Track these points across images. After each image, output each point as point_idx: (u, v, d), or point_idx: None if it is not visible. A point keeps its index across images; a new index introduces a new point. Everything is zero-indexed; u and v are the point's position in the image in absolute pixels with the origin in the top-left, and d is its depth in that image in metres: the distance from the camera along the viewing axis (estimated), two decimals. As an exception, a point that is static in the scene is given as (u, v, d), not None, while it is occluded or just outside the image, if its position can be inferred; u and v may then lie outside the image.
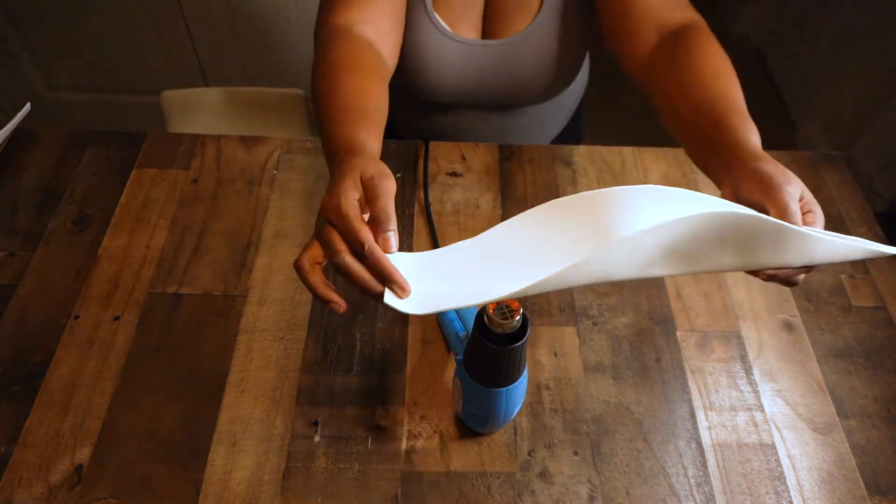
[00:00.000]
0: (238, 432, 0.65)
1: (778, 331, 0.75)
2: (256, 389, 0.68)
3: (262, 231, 0.82)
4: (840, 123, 1.98)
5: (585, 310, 0.76)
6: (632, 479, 0.64)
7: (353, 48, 0.68)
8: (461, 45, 0.85)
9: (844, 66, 1.97)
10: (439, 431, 0.66)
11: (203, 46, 1.71)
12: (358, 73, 0.65)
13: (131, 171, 0.88)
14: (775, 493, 0.63)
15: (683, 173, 0.91)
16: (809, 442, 0.67)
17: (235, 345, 0.72)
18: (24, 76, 1.82)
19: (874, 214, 0.87)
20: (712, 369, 0.72)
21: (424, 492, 0.62)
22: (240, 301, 0.75)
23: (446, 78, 0.88)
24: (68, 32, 1.70)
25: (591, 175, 0.90)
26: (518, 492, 0.63)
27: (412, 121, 1.01)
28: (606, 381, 0.70)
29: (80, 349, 0.71)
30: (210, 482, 0.62)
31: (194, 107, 1.34)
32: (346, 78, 0.64)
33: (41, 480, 0.62)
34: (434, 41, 0.84)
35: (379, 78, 0.68)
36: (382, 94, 0.66)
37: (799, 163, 0.93)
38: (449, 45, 0.85)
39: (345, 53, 0.67)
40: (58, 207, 0.84)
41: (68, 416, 0.66)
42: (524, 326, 0.53)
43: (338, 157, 0.54)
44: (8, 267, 0.78)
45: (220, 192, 0.86)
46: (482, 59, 0.86)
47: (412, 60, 0.86)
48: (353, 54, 0.68)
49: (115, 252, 0.79)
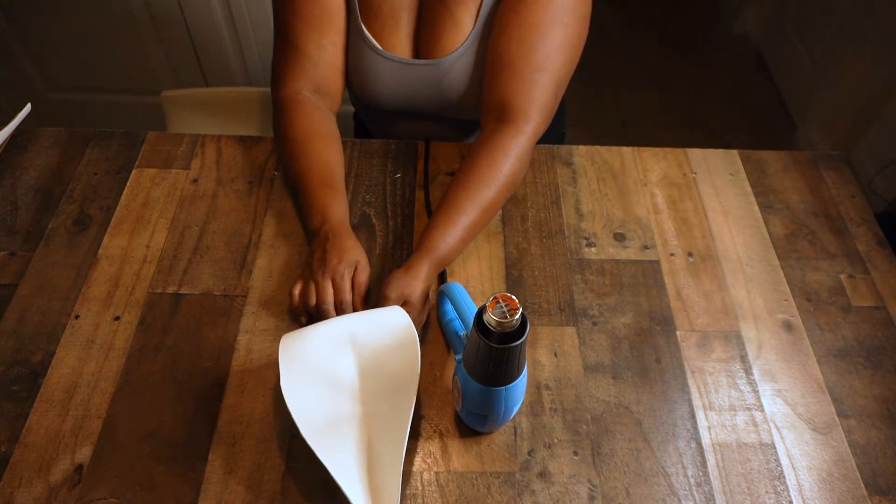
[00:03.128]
0: (238, 432, 0.65)
1: (778, 331, 0.76)
2: (256, 389, 0.68)
3: (262, 231, 0.82)
4: (840, 123, 1.98)
5: (585, 310, 0.76)
6: (632, 479, 0.64)
7: (306, 118, 0.81)
8: (390, 62, 0.85)
9: (844, 66, 1.97)
10: (439, 431, 0.66)
11: (203, 46, 1.71)
12: (316, 143, 0.79)
13: (131, 171, 0.88)
14: (775, 493, 0.63)
15: (683, 173, 0.91)
16: (809, 442, 0.67)
17: (235, 345, 0.72)
18: (24, 76, 1.82)
19: (874, 214, 0.87)
20: (712, 369, 0.72)
21: (424, 492, 0.62)
22: (240, 301, 0.75)
23: (378, 91, 0.88)
24: (68, 32, 1.70)
25: (591, 175, 0.90)
26: (518, 492, 0.63)
27: (377, 122, 1.02)
28: (606, 381, 0.70)
29: (80, 349, 0.71)
30: (210, 482, 0.62)
31: (194, 107, 1.34)
32: (307, 149, 0.79)
33: (41, 480, 0.62)
34: (364, 56, 0.85)
35: (332, 141, 0.81)
36: (337, 155, 0.81)
37: (799, 163, 0.93)
38: (378, 60, 0.85)
39: (300, 127, 0.80)
40: (58, 207, 0.84)
41: (68, 416, 0.66)
42: (523, 325, 0.53)
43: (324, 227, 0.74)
44: (8, 267, 0.78)
45: (220, 192, 0.86)
46: (410, 76, 0.86)
47: (352, 72, 0.88)
48: (307, 125, 0.80)
49: (115, 252, 0.79)
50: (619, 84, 2.39)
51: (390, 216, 0.84)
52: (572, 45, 0.78)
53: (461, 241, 0.73)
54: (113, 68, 1.79)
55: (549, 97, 0.78)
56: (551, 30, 0.75)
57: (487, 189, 0.74)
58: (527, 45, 0.75)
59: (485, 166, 0.75)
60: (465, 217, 0.73)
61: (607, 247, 0.82)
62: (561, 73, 0.78)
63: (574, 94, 2.45)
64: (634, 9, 2.67)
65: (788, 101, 2.29)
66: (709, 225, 0.85)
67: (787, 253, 0.83)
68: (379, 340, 0.64)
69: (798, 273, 0.81)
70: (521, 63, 0.76)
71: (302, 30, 0.80)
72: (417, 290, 0.69)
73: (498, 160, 0.75)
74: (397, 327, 0.64)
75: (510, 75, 0.76)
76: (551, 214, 0.85)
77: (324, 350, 0.64)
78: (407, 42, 0.85)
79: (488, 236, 0.82)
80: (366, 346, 0.64)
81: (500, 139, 0.76)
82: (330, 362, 0.64)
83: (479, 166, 0.75)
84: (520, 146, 0.76)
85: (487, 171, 0.75)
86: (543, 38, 0.75)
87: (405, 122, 0.96)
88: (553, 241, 0.82)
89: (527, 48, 0.75)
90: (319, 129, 0.81)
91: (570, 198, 0.87)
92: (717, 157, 0.93)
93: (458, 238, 0.73)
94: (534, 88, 0.76)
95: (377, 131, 1.05)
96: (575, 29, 0.77)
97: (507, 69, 0.77)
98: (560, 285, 0.78)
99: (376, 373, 0.64)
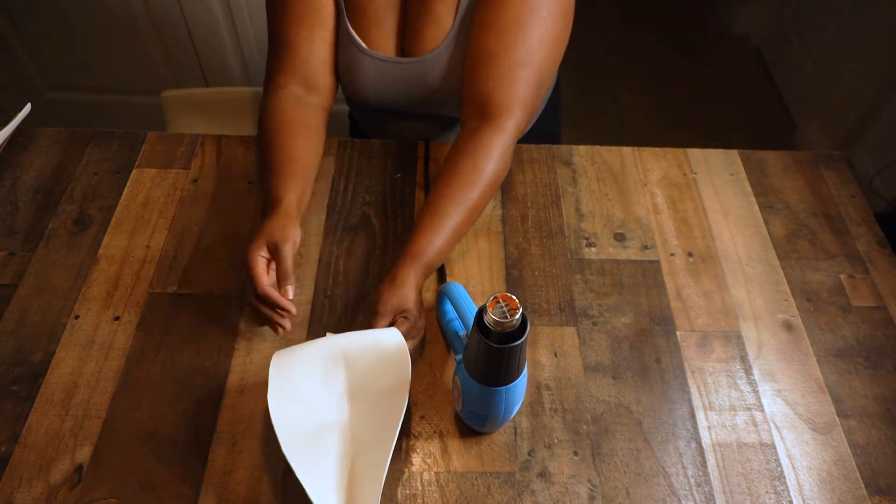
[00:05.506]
0: (238, 432, 0.65)
1: (778, 331, 0.76)
2: (256, 389, 0.68)
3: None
4: (840, 123, 1.98)
5: (585, 310, 0.76)
6: (632, 479, 0.64)
7: (280, 110, 0.80)
8: (375, 61, 0.85)
9: (844, 66, 1.97)
10: (439, 431, 0.66)
11: (203, 46, 1.71)
12: (287, 133, 0.78)
13: (131, 172, 0.88)
14: (775, 493, 0.63)
15: (683, 173, 0.91)
16: (809, 442, 0.67)
17: (235, 345, 0.72)
18: (24, 76, 1.82)
19: (874, 214, 0.87)
20: (712, 369, 0.72)
21: (424, 492, 0.62)
22: (240, 301, 0.75)
23: (366, 89, 0.88)
24: (69, 32, 1.70)
25: (591, 175, 0.90)
26: (518, 492, 0.63)
27: (369, 121, 1.02)
28: (606, 381, 0.70)
29: (80, 349, 0.71)
30: (210, 482, 0.62)
31: (194, 107, 1.34)
32: (278, 140, 0.77)
33: (41, 480, 0.62)
34: (351, 55, 0.85)
35: (304, 131, 0.80)
36: (306, 145, 0.79)
37: (799, 163, 0.93)
38: (363, 59, 0.85)
39: (279, 118, 0.79)
40: (58, 207, 0.84)
41: (68, 416, 0.66)
42: (523, 325, 0.53)
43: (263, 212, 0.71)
44: (8, 267, 0.78)
45: (220, 192, 0.86)
46: (395, 74, 0.86)
47: (342, 71, 0.88)
48: (287, 116, 0.79)
49: (115, 252, 0.79)
50: (619, 84, 2.39)
51: (390, 216, 0.84)
52: (553, 40, 0.77)
53: (447, 244, 0.72)
54: (113, 68, 1.79)
55: (531, 92, 0.77)
56: (530, 25, 0.74)
57: (471, 190, 0.73)
58: (506, 40, 0.75)
59: (468, 167, 0.74)
60: (449, 220, 0.72)
61: (607, 247, 0.82)
62: (542, 68, 0.77)
63: (574, 94, 2.46)
64: (634, 9, 2.67)
65: (788, 101, 2.29)
66: (709, 225, 0.85)
67: (787, 253, 0.83)
68: (371, 360, 0.63)
69: (798, 273, 0.81)
70: (500, 58, 0.75)
71: (292, 27, 0.81)
72: (410, 298, 0.67)
73: (480, 160, 0.74)
74: (390, 348, 0.63)
75: (490, 71, 0.76)
76: (551, 214, 0.85)
77: (315, 367, 0.63)
78: (392, 41, 0.85)
79: (488, 236, 0.82)
80: (357, 364, 0.64)
81: (481, 138, 0.75)
82: (320, 379, 0.63)
83: (461, 167, 0.74)
84: (502, 144, 0.75)
85: (471, 172, 0.73)
86: (522, 33, 0.74)
87: (395, 120, 0.96)
88: (553, 241, 0.82)
89: (506, 44, 0.75)
90: (292, 120, 0.79)
91: (570, 198, 0.87)
92: (717, 157, 0.93)
93: (444, 241, 0.71)
94: (514, 84, 0.76)
95: (371, 130, 1.05)
96: (555, 24, 0.76)
97: (487, 65, 0.76)
98: (560, 285, 0.78)
99: (365, 393, 0.63)
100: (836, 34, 2.01)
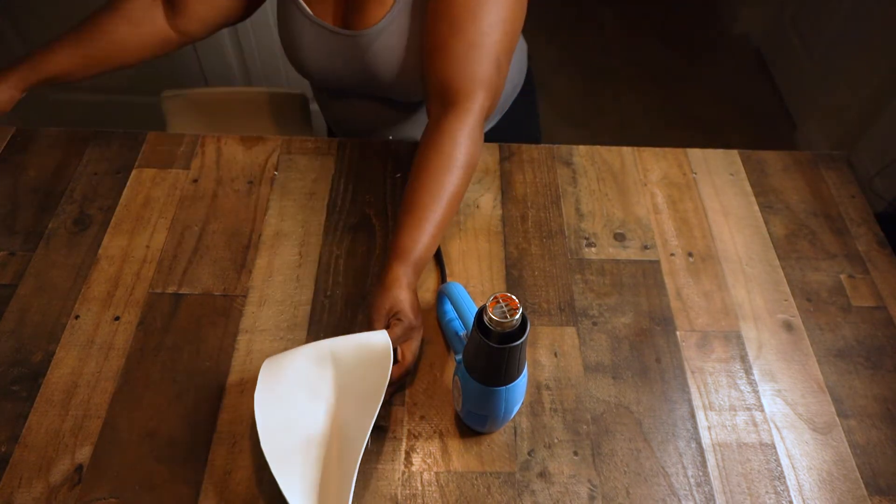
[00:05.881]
0: (238, 432, 0.65)
1: (778, 331, 0.76)
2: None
3: (262, 231, 0.82)
4: (840, 123, 1.98)
5: (585, 310, 0.76)
6: (632, 479, 0.64)
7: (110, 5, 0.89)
8: (317, 28, 0.85)
9: (844, 66, 1.97)
10: (439, 431, 0.66)
11: (203, 46, 1.71)
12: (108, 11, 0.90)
13: (131, 171, 0.88)
14: (775, 493, 0.63)
15: (683, 173, 0.91)
16: (809, 442, 0.67)
17: (235, 345, 0.72)
18: (25, 76, 1.82)
19: (874, 214, 0.87)
20: (712, 369, 0.72)
21: (424, 492, 0.62)
22: (240, 301, 0.75)
23: (304, 57, 0.88)
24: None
25: (591, 175, 0.90)
26: (518, 492, 0.63)
27: (328, 107, 1.02)
28: (606, 381, 0.70)
29: (80, 349, 0.71)
30: (210, 482, 0.62)
31: (194, 107, 1.34)
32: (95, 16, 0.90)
33: (41, 480, 0.62)
34: (292, 17, 0.86)
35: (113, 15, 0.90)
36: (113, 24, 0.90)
37: (799, 163, 0.93)
38: (304, 24, 0.85)
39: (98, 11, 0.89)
40: (58, 207, 0.84)
41: (68, 416, 0.66)
42: (523, 325, 0.53)
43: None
44: (8, 267, 0.78)
45: (220, 192, 0.86)
46: (337, 46, 0.85)
47: (281, 35, 0.89)
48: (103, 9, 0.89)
49: (115, 252, 0.79)
50: (618, 84, 2.39)
51: (390, 216, 0.84)
52: (507, 20, 0.76)
53: (432, 238, 0.71)
54: (113, 68, 1.79)
55: (490, 72, 0.76)
56: (481, 8, 0.74)
57: (446, 179, 0.72)
58: (458, 24, 0.74)
59: (439, 156, 0.73)
60: (429, 212, 0.71)
61: (607, 247, 0.82)
62: (498, 48, 0.76)
63: (574, 94, 2.46)
64: (634, 9, 2.67)
65: (788, 101, 2.29)
66: (709, 225, 0.85)
67: (787, 253, 0.83)
68: (356, 361, 0.63)
69: (798, 273, 0.81)
70: (453, 42, 0.74)
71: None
72: (401, 299, 0.67)
73: (450, 147, 0.73)
74: (375, 350, 0.63)
75: (445, 56, 0.75)
76: (551, 214, 0.85)
77: (303, 375, 0.63)
78: (336, 10, 0.85)
79: (488, 236, 0.82)
80: (345, 364, 0.64)
81: (447, 125, 0.74)
82: (308, 387, 0.63)
83: (432, 157, 0.73)
84: (468, 127, 0.74)
85: (443, 160, 0.72)
86: (473, 16, 0.74)
87: (339, 100, 0.96)
88: (553, 241, 0.82)
89: (458, 28, 0.74)
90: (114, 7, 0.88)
91: (570, 198, 0.87)
92: (717, 157, 0.93)
93: (428, 236, 0.70)
94: (471, 65, 0.75)
95: (329, 117, 1.05)
96: (507, 6, 0.76)
97: (441, 50, 0.75)
98: (560, 285, 0.78)
99: (349, 395, 0.63)
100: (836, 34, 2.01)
